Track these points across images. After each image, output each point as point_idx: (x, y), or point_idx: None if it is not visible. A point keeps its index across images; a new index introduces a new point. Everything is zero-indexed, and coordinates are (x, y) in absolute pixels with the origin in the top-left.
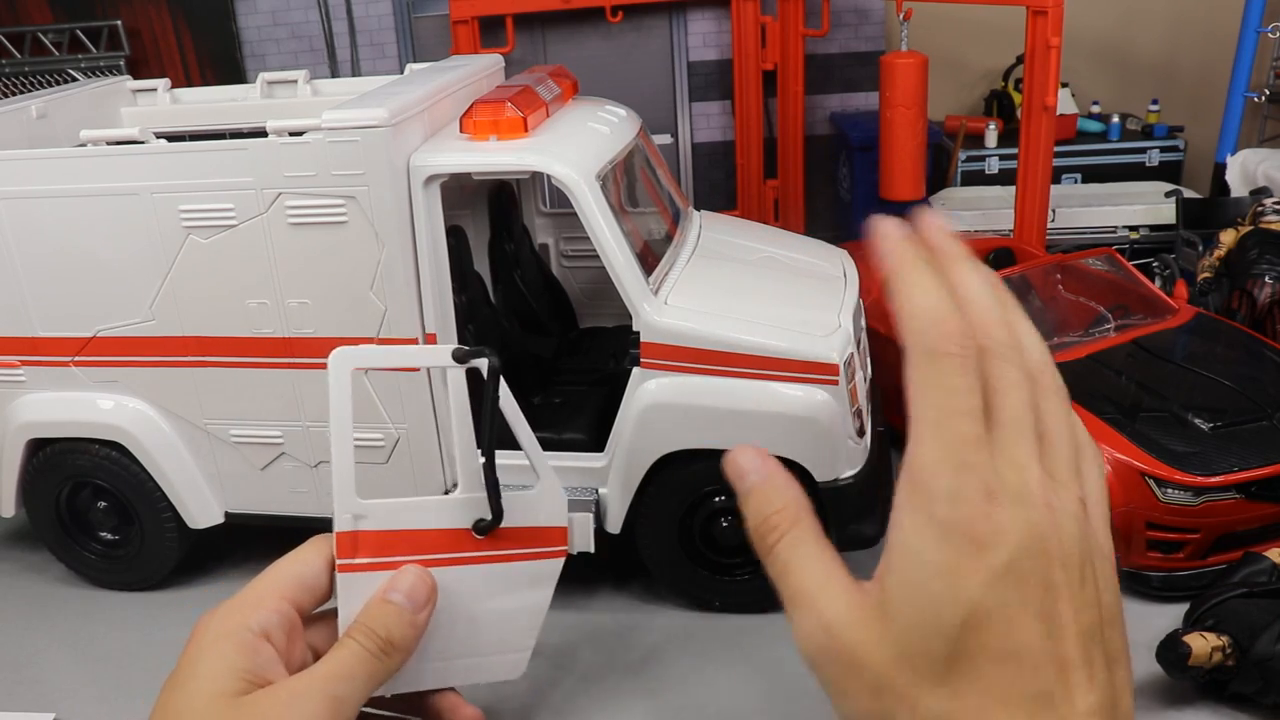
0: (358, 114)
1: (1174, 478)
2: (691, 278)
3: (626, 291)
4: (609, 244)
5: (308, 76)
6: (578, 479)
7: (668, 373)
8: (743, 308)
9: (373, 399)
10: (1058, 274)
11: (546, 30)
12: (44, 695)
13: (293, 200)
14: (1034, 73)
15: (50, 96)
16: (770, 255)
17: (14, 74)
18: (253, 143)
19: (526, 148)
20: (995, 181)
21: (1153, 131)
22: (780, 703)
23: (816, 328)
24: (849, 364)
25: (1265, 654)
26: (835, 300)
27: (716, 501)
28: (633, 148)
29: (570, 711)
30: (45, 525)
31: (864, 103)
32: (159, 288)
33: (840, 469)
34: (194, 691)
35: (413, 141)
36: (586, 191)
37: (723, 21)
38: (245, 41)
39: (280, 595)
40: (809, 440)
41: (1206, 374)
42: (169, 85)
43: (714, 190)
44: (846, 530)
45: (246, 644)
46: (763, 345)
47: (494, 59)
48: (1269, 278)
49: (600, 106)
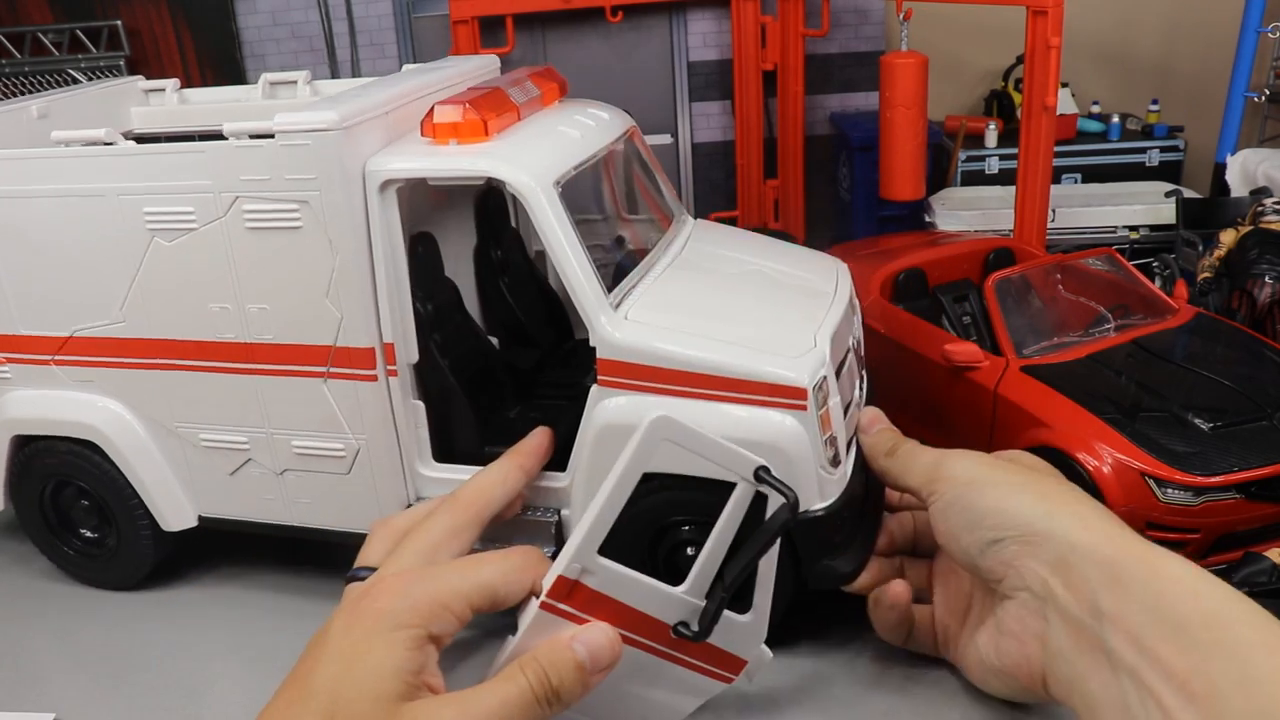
0: (309, 117)
1: (1174, 478)
2: (661, 290)
3: (581, 304)
4: (563, 254)
5: (308, 77)
6: (540, 498)
7: (625, 391)
8: (709, 324)
9: (332, 408)
10: (1058, 274)
11: (546, 30)
12: (44, 695)
13: (249, 204)
14: (1034, 73)
15: (59, 96)
16: (755, 268)
17: (14, 74)
18: (210, 145)
19: (484, 152)
20: (995, 181)
21: (1153, 131)
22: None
23: (787, 348)
24: (820, 388)
25: None
26: (815, 318)
27: (684, 532)
28: (613, 152)
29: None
30: (30, 520)
31: (864, 103)
32: (128, 289)
33: (809, 500)
34: (363, 684)
35: (370, 146)
36: (541, 198)
37: (723, 21)
38: (245, 41)
39: (467, 603)
40: (773, 469)
41: (1206, 374)
42: (178, 85)
43: (714, 190)
44: (818, 566)
45: (419, 645)
46: (725, 365)
47: (489, 59)
48: (1269, 278)
49: (583, 109)
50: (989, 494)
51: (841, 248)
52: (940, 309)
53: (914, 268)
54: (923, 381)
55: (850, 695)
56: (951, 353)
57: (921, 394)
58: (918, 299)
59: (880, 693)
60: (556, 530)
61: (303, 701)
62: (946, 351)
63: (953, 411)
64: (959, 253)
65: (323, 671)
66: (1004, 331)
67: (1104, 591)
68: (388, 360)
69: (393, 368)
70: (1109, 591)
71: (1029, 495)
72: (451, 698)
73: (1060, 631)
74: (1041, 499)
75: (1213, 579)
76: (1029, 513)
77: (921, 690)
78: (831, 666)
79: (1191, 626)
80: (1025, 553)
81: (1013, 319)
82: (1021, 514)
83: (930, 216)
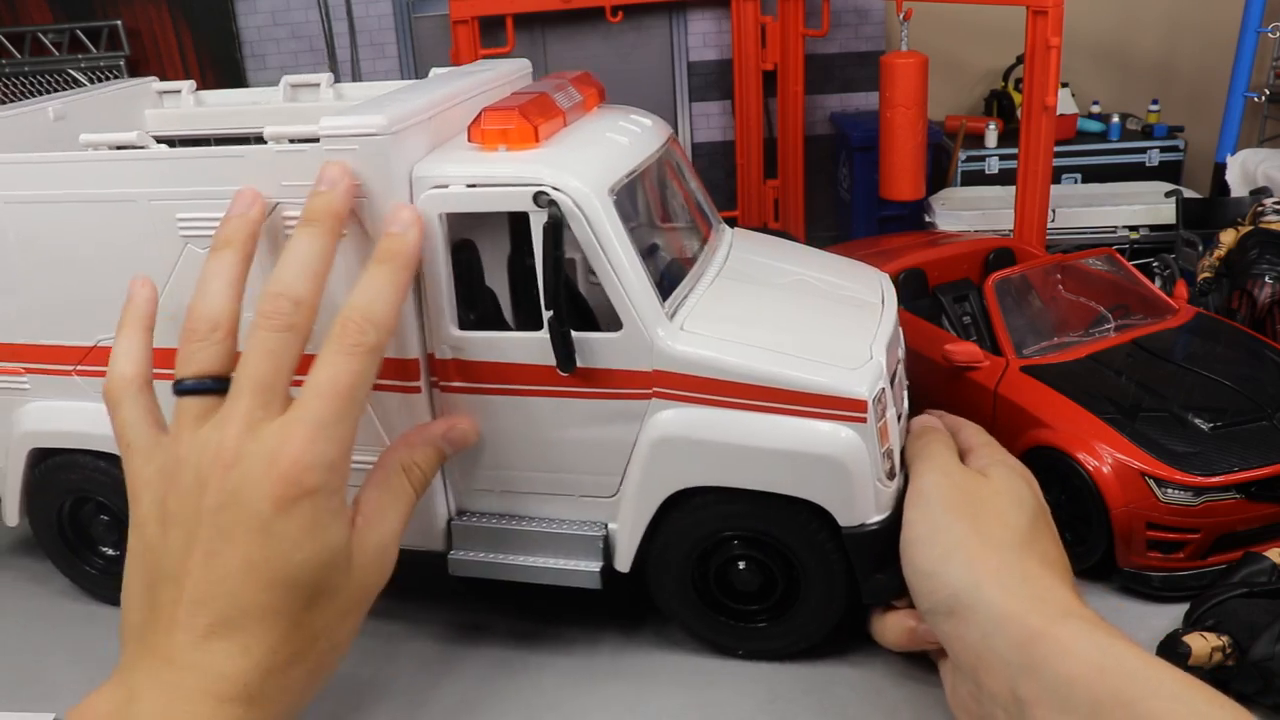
0: (355, 121)
1: (1174, 478)
2: (713, 302)
3: (639, 316)
4: (620, 263)
5: (331, 80)
6: (587, 512)
7: (681, 404)
8: (765, 336)
9: (373, 421)
10: (1058, 274)
11: (546, 30)
12: (45, 695)
13: (291, 210)
14: (1034, 73)
15: (74, 97)
16: (801, 278)
17: (14, 74)
18: (250, 150)
19: (535, 159)
20: (995, 181)
21: (1153, 131)
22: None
23: (844, 359)
24: (879, 400)
25: (1265, 654)
26: (869, 329)
27: (735, 546)
28: (657, 159)
29: None
30: (48, 538)
31: (864, 103)
32: (158, 299)
33: (867, 513)
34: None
35: (416, 151)
36: (597, 206)
37: (723, 21)
38: (245, 41)
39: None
40: (832, 482)
41: (1206, 374)
42: (194, 87)
43: (714, 190)
44: (871, 580)
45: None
46: (784, 377)
47: (521, 63)
48: (1269, 278)
49: (625, 115)
50: (922, 556)
51: (841, 248)
52: (940, 309)
53: (914, 268)
54: (922, 381)
55: (853, 696)
56: (951, 353)
57: (921, 394)
58: (918, 299)
59: (883, 694)
60: (604, 544)
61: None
62: (946, 351)
63: (953, 412)
64: (959, 253)
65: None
66: (1004, 331)
67: (1020, 678)
68: (432, 374)
69: (436, 380)
70: (1024, 678)
71: (958, 562)
72: (371, 523)
73: (994, 717)
74: (969, 567)
75: (1122, 651)
76: (957, 583)
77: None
78: (837, 668)
79: (1104, 708)
80: (955, 633)
81: (1013, 319)
82: (950, 584)
83: (930, 216)
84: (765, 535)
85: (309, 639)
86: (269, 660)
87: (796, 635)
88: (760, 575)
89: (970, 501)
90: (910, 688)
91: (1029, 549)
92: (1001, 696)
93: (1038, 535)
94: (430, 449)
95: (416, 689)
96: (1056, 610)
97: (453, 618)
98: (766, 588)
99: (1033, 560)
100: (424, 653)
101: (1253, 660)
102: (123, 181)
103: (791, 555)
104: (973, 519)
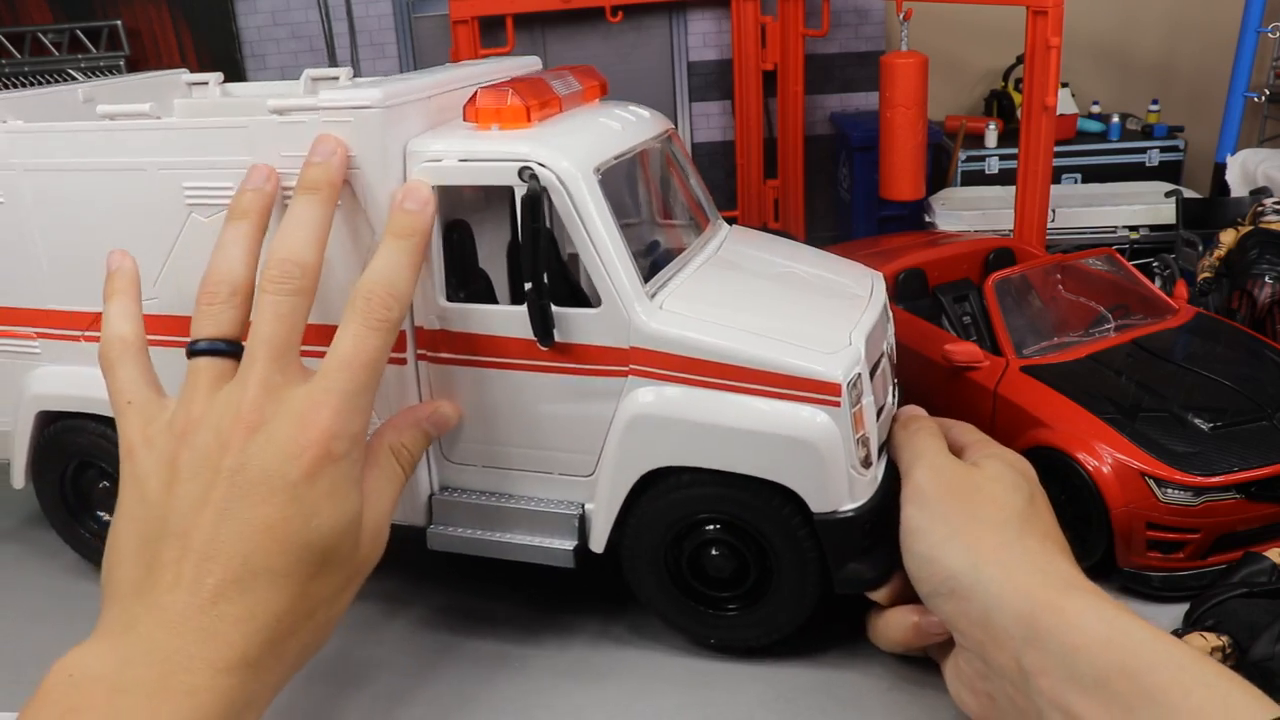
0: (352, 94)
1: (1174, 478)
2: (696, 285)
3: (617, 292)
4: (600, 240)
5: (350, 73)
6: (563, 491)
7: (657, 382)
8: (744, 319)
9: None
10: (1058, 274)
11: (546, 30)
12: None
13: (290, 181)
14: (1034, 73)
15: (104, 84)
16: (789, 270)
17: (14, 74)
18: (251, 120)
19: (525, 137)
20: (995, 181)
21: (1153, 131)
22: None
23: (821, 344)
24: (855, 385)
25: (1265, 654)
26: (850, 318)
27: (709, 530)
28: (651, 151)
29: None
30: (50, 500)
31: (864, 103)
32: (162, 266)
33: (839, 500)
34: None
35: (412, 128)
36: (580, 183)
37: (723, 21)
38: (245, 41)
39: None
40: (804, 465)
41: (1206, 374)
42: (221, 79)
43: (714, 190)
44: (844, 570)
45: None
46: (758, 357)
47: (531, 59)
48: (1269, 278)
49: (624, 106)
50: (921, 543)
51: (841, 248)
52: (940, 309)
53: (914, 268)
54: (922, 381)
55: (851, 697)
56: (951, 353)
57: (921, 394)
58: (918, 299)
59: (882, 695)
60: (580, 524)
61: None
62: (946, 351)
63: (953, 412)
64: (959, 253)
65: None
66: (1004, 331)
67: (1025, 649)
68: (418, 345)
69: (422, 352)
70: (1029, 649)
71: (956, 546)
72: (369, 502)
73: (1001, 690)
74: (968, 550)
75: (1127, 623)
76: (956, 565)
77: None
78: (836, 669)
79: (1110, 679)
80: (958, 610)
81: (1013, 319)
82: (949, 567)
83: (930, 216)
84: (738, 520)
85: (308, 610)
86: (272, 628)
87: (767, 625)
88: (734, 562)
89: (965, 489)
90: (909, 689)
91: (1028, 526)
92: (1008, 669)
93: (1035, 514)
94: (417, 431)
95: (408, 681)
96: (1059, 583)
97: (449, 602)
98: (739, 575)
99: (1032, 538)
100: (418, 643)
101: (1253, 660)
102: (132, 151)
103: (764, 541)
104: (968, 504)
